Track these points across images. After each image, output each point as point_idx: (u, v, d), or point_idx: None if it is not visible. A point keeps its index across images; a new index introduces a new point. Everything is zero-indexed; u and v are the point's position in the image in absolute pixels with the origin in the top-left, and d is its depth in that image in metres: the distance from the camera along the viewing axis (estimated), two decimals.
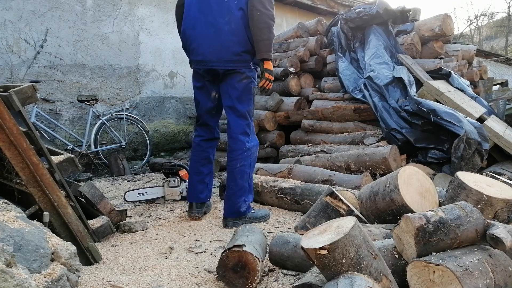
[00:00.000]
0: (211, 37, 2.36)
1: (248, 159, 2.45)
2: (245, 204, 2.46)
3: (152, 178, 4.22)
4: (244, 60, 2.40)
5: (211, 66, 2.40)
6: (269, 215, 2.57)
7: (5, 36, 4.40)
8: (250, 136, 2.49)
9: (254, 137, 2.54)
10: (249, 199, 2.51)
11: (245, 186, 2.45)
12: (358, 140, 3.58)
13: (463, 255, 1.23)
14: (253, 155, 2.50)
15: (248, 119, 2.48)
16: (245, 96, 2.45)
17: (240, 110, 2.44)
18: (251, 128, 2.51)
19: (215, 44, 2.36)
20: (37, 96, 1.87)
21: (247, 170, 2.44)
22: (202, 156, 2.63)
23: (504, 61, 11.53)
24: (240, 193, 2.43)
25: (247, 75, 2.42)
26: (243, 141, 2.44)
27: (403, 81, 3.50)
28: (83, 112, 4.95)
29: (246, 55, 2.38)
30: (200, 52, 2.42)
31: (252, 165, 2.50)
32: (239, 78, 2.41)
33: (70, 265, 1.44)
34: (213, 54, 2.37)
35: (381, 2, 4.11)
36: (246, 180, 2.46)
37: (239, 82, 2.41)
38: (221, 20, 2.33)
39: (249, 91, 2.45)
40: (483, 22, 22.01)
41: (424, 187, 1.73)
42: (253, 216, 2.48)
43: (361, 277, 1.09)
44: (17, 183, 1.82)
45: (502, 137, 3.31)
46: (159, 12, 5.74)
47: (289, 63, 4.51)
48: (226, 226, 2.43)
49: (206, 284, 1.61)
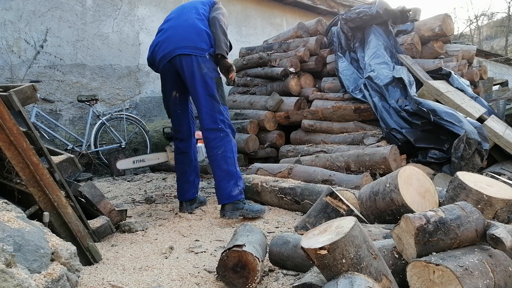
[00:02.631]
0: (170, 34, 2.58)
1: (228, 144, 2.49)
2: (237, 188, 2.46)
3: (152, 178, 4.22)
4: (200, 48, 2.50)
5: (170, 56, 2.53)
6: (265, 210, 2.59)
7: (5, 36, 4.40)
8: (224, 122, 2.52)
9: (230, 123, 2.57)
10: (241, 185, 2.51)
11: (232, 170, 2.47)
12: (358, 140, 3.58)
13: (463, 255, 1.23)
14: (232, 140, 2.53)
15: (217, 105, 2.51)
16: (208, 81, 2.50)
17: (206, 97, 2.49)
18: (224, 114, 2.53)
19: (173, 38, 2.55)
20: (37, 96, 1.87)
21: (229, 154, 2.48)
22: (183, 158, 2.77)
23: (504, 61, 11.54)
24: (228, 177, 2.46)
25: (205, 63, 2.50)
26: (219, 128, 2.49)
27: (403, 81, 3.50)
28: (83, 112, 4.95)
29: (202, 43, 2.50)
30: (161, 50, 2.58)
31: (234, 150, 2.52)
32: (197, 65, 2.49)
33: (70, 265, 1.44)
34: (171, 45, 2.53)
35: (381, 2, 4.11)
36: (232, 164, 2.48)
37: (198, 69, 2.49)
38: (180, 21, 2.59)
39: (211, 79, 2.50)
40: (483, 22, 22.02)
41: (424, 187, 1.73)
42: (250, 208, 2.48)
43: (361, 277, 1.09)
44: (17, 183, 1.82)
45: (502, 137, 3.31)
46: (159, 12, 5.74)
47: (289, 63, 4.51)
48: (224, 216, 2.46)
49: (206, 284, 1.61)
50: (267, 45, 5.28)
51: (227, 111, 2.58)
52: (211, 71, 2.52)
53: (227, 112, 2.58)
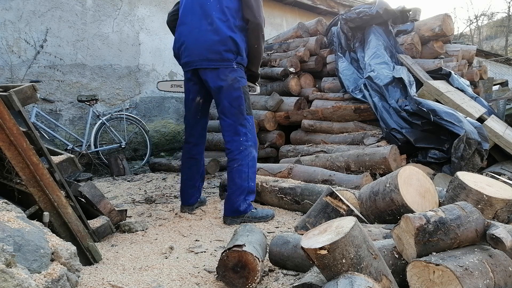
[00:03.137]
0: (194, 38, 2.44)
1: (245, 158, 2.44)
2: (245, 203, 2.46)
3: (152, 178, 4.21)
4: (227, 59, 2.42)
5: (195, 66, 2.46)
6: (272, 215, 2.55)
7: (5, 36, 4.40)
8: (247, 135, 2.47)
9: (252, 136, 2.51)
10: (250, 198, 2.49)
11: (244, 185, 2.45)
12: (358, 140, 3.58)
13: (463, 255, 1.23)
14: (250, 154, 2.47)
15: (241, 117, 2.46)
16: (234, 93, 2.45)
17: (231, 109, 2.46)
18: (248, 126, 2.48)
19: (197, 45, 2.43)
20: (37, 96, 1.87)
21: (245, 169, 2.44)
22: (192, 163, 2.72)
23: (504, 61, 11.54)
24: (239, 192, 2.45)
25: (232, 74, 2.44)
26: (239, 141, 2.45)
27: (403, 81, 3.50)
28: (83, 112, 4.95)
29: (228, 53, 2.41)
30: (185, 55, 2.51)
31: (250, 165, 2.47)
32: (224, 77, 2.43)
33: (70, 265, 1.44)
34: (195, 54, 2.44)
35: (381, 2, 4.11)
36: (245, 179, 2.45)
37: (224, 81, 2.43)
38: (202, 22, 2.43)
39: (237, 90, 2.45)
40: (483, 22, 22.03)
41: (424, 187, 1.73)
42: (252, 215, 2.48)
43: (361, 277, 1.09)
44: (17, 183, 1.82)
45: (502, 137, 3.31)
46: (159, 12, 5.74)
47: (289, 63, 4.51)
48: (225, 222, 2.49)
49: (206, 284, 1.61)
50: (267, 45, 5.28)
51: (251, 121, 2.52)
52: (238, 81, 2.44)
53: (251, 122, 2.51)
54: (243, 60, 2.48)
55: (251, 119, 2.52)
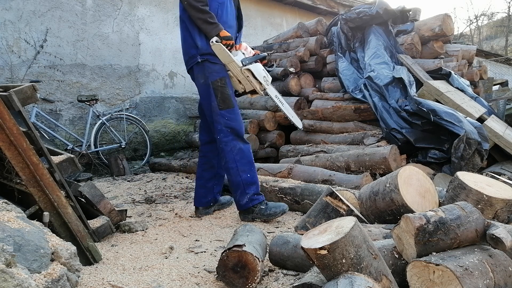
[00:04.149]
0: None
1: (229, 154, 2.42)
2: (245, 197, 2.44)
3: (152, 178, 4.22)
4: (192, 55, 2.45)
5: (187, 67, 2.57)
6: (283, 210, 2.45)
7: (5, 36, 4.40)
8: (223, 131, 2.43)
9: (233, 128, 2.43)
10: (250, 191, 2.44)
11: (236, 180, 2.44)
12: (358, 140, 3.58)
13: (463, 255, 1.23)
14: (234, 148, 2.42)
15: (213, 114, 2.43)
16: (202, 89, 2.47)
17: (207, 109, 2.49)
18: (222, 122, 2.41)
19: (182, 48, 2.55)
20: (37, 96, 1.87)
21: (231, 165, 2.43)
22: (203, 161, 2.70)
23: (504, 61, 11.55)
24: (234, 188, 2.47)
25: (199, 71, 2.45)
26: (219, 140, 2.45)
27: (403, 81, 3.50)
28: (83, 112, 4.95)
29: (191, 50, 2.44)
30: None
31: (237, 158, 2.42)
32: (196, 75, 2.49)
33: (70, 265, 1.44)
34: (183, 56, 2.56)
35: (381, 2, 4.11)
36: (235, 174, 2.43)
37: (196, 80, 2.50)
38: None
39: (205, 84, 2.44)
40: (483, 22, 22.03)
41: (424, 187, 1.73)
42: (261, 212, 2.45)
43: (361, 277, 1.09)
44: (17, 183, 1.82)
45: (502, 137, 3.31)
46: (159, 12, 5.74)
47: (289, 63, 4.51)
48: (241, 219, 2.54)
49: (206, 284, 1.61)
50: (267, 45, 5.28)
51: (228, 114, 2.42)
52: (206, 76, 2.41)
53: (229, 115, 2.42)
54: (202, 49, 2.39)
55: (227, 112, 2.42)
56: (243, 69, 2.41)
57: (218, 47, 2.31)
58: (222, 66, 2.44)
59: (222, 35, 2.31)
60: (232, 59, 2.38)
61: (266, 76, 2.51)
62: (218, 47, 2.31)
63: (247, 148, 2.49)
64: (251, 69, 2.42)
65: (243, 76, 2.44)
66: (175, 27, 5.87)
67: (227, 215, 2.67)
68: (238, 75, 2.45)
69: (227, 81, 2.46)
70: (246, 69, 2.41)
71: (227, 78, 2.47)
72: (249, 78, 2.44)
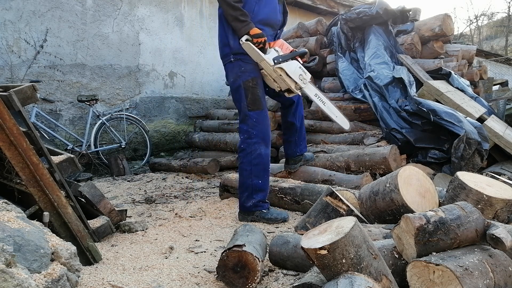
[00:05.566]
0: None
1: (247, 156, 2.44)
2: (251, 200, 2.45)
3: (152, 178, 4.21)
4: (226, 54, 2.44)
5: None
6: (284, 219, 2.45)
7: (5, 36, 4.40)
8: (248, 132, 2.43)
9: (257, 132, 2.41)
10: (257, 196, 2.45)
11: (247, 183, 2.45)
12: (358, 140, 3.58)
13: (463, 255, 1.23)
14: (254, 151, 2.41)
15: (241, 114, 2.46)
16: (234, 91, 2.49)
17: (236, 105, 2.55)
18: (249, 123, 2.41)
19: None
20: (37, 96, 1.87)
21: (246, 167, 2.45)
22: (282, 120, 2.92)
23: (504, 61, 11.55)
24: (242, 189, 2.49)
25: (232, 70, 2.45)
26: (241, 139, 2.50)
27: (403, 81, 3.50)
28: (83, 112, 4.95)
29: (225, 48, 2.44)
30: None
31: (254, 162, 2.42)
32: (227, 75, 2.52)
33: (70, 265, 1.44)
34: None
35: (381, 2, 4.11)
36: (247, 177, 2.45)
37: (228, 79, 2.53)
38: None
39: (237, 84, 2.43)
40: (483, 22, 22.04)
41: (424, 187, 1.73)
42: (262, 215, 2.45)
43: (361, 277, 1.09)
44: (17, 183, 1.82)
45: (502, 137, 3.31)
46: (159, 12, 5.74)
47: None
48: (239, 219, 2.54)
49: (206, 284, 1.61)
50: None
51: (256, 117, 2.40)
52: (238, 75, 2.40)
53: (256, 117, 2.40)
54: (235, 48, 2.36)
55: (255, 114, 2.41)
56: (275, 67, 2.34)
57: (248, 46, 2.28)
58: (255, 66, 2.40)
59: (252, 33, 2.27)
60: (263, 57, 2.31)
61: (303, 74, 2.42)
62: (248, 46, 2.28)
63: (267, 154, 2.47)
64: (283, 67, 2.35)
65: (276, 74, 2.38)
66: (175, 27, 5.87)
67: (227, 215, 2.67)
68: (271, 74, 2.39)
69: (258, 81, 2.42)
70: (278, 67, 2.35)
71: (259, 79, 2.43)
72: (282, 76, 2.37)
